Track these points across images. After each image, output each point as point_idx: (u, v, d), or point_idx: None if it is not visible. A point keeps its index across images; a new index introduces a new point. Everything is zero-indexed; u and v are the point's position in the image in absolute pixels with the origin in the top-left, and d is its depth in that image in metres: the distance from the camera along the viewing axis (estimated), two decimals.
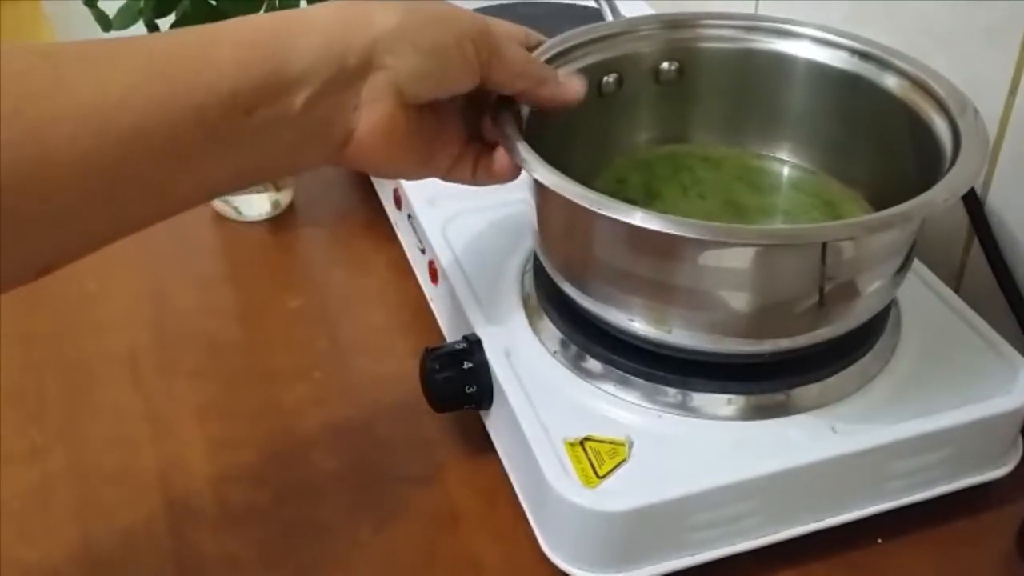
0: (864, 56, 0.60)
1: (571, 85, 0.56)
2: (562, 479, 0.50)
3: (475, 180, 0.55)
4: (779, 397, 0.54)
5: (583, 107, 0.62)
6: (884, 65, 0.60)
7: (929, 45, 0.63)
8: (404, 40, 0.48)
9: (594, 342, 0.56)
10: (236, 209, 0.78)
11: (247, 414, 0.63)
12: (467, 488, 0.59)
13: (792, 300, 0.51)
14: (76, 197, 0.41)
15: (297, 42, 0.46)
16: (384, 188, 0.76)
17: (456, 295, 0.61)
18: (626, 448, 0.52)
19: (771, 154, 0.65)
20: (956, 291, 0.63)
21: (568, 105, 0.56)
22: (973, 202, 0.64)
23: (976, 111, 0.55)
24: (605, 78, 0.63)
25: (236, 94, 0.44)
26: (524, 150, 0.52)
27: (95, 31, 0.68)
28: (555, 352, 0.57)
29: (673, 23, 0.64)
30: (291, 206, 0.79)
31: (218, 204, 0.78)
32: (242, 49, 0.45)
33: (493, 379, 0.56)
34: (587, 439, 0.52)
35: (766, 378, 0.54)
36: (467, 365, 0.56)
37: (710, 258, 0.50)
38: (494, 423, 0.58)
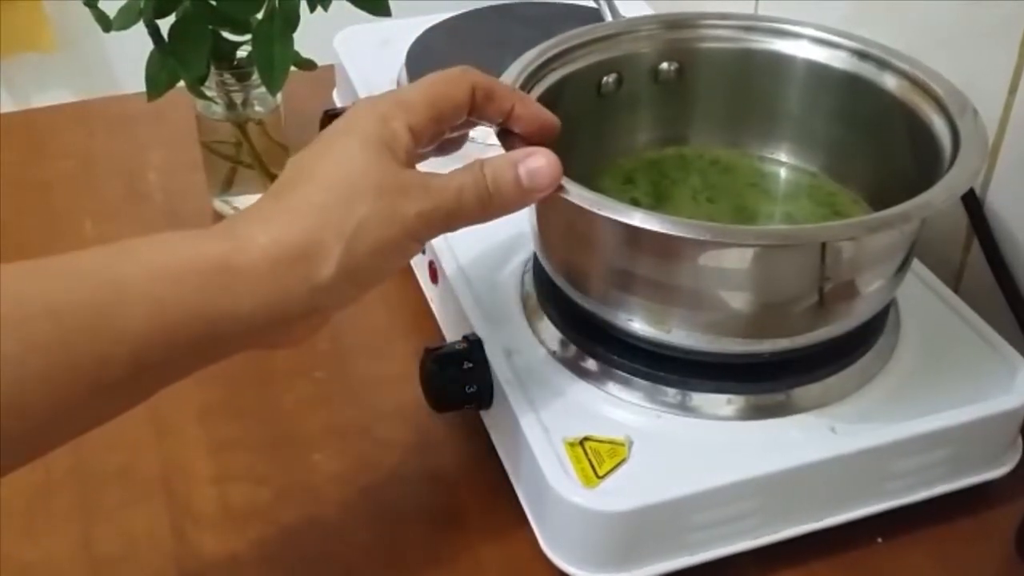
0: (863, 56, 0.60)
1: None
2: (562, 479, 0.51)
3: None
4: (779, 397, 0.54)
5: (583, 107, 0.62)
6: (884, 65, 0.60)
7: (929, 45, 0.63)
8: (345, 286, 0.46)
9: (594, 342, 0.56)
10: (236, 209, 0.78)
11: (248, 414, 0.63)
12: (467, 488, 0.59)
13: (791, 300, 0.51)
14: None
15: (225, 303, 0.43)
16: None
17: (456, 295, 0.61)
18: (626, 448, 0.52)
19: (770, 155, 0.66)
20: (956, 291, 0.63)
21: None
22: (973, 202, 0.64)
23: (975, 111, 0.55)
24: (604, 78, 0.63)
25: (145, 363, 0.42)
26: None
27: (95, 31, 0.68)
28: (555, 352, 0.57)
29: (673, 23, 0.64)
30: None
31: (218, 204, 0.78)
32: (154, 316, 0.42)
33: (493, 379, 0.56)
34: (587, 439, 0.52)
35: (766, 378, 0.54)
36: (467, 365, 0.56)
37: (709, 258, 0.50)
38: (494, 423, 0.58)
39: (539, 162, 0.49)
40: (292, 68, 0.68)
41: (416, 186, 0.46)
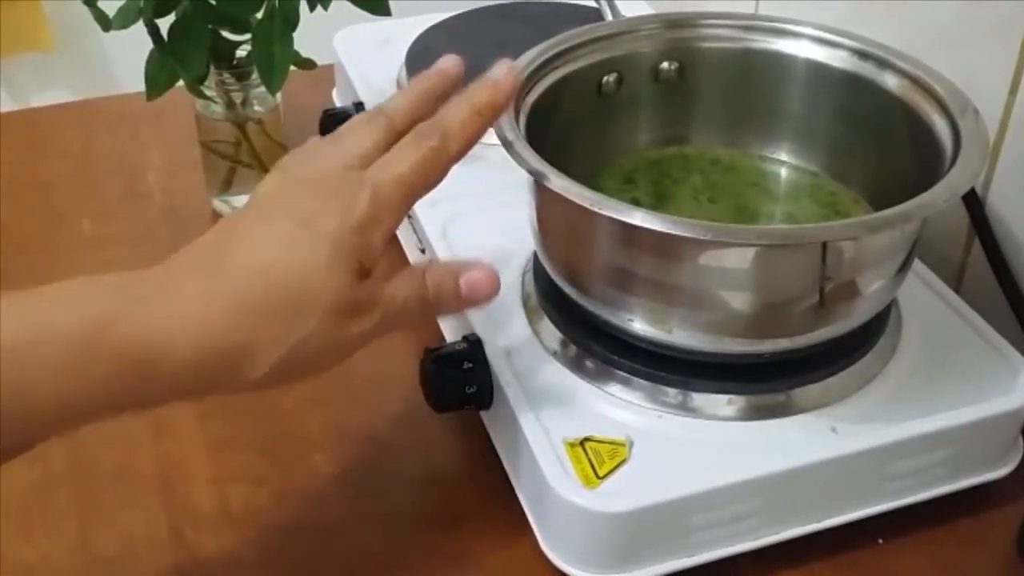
0: (864, 56, 0.60)
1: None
2: (562, 479, 0.50)
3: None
4: (779, 397, 0.54)
5: (583, 107, 0.62)
6: (884, 65, 0.60)
7: (929, 45, 0.63)
8: (271, 384, 0.44)
9: (594, 342, 0.56)
10: (235, 209, 0.78)
11: (247, 414, 0.63)
12: (467, 488, 0.59)
13: (792, 300, 0.51)
14: None
15: (140, 390, 0.42)
16: None
17: None
18: (626, 448, 0.52)
19: (771, 154, 0.65)
20: (956, 291, 0.63)
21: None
22: (973, 202, 0.64)
23: (976, 111, 0.55)
24: (605, 78, 0.63)
25: (49, 432, 0.42)
26: (524, 150, 0.52)
27: (95, 31, 0.68)
28: (555, 352, 0.57)
29: (673, 23, 0.64)
30: None
31: (217, 204, 0.78)
32: (63, 408, 0.41)
33: (493, 379, 0.56)
34: (587, 439, 0.52)
35: (766, 378, 0.54)
36: (467, 365, 0.56)
37: (710, 258, 0.50)
38: (494, 423, 0.58)
39: (478, 275, 0.48)
40: (292, 68, 0.68)
41: (367, 302, 0.45)
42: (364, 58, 0.83)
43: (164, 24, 0.68)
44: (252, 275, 0.43)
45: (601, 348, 0.55)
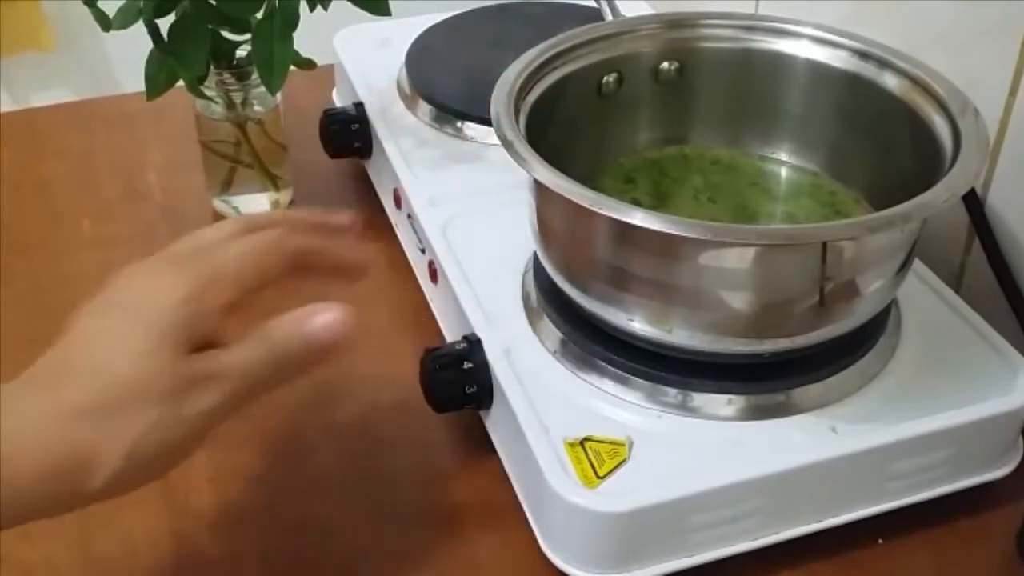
0: (864, 56, 0.60)
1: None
2: (562, 479, 0.50)
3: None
4: (779, 397, 0.54)
5: (583, 107, 0.62)
6: (884, 65, 0.60)
7: (929, 45, 0.63)
8: (120, 487, 0.43)
9: (594, 342, 0.56)
10: (236, 209, 0.78)
11: (247, 414, 0.62)
12: (467, 488, 0.59)
13: (792, 300, 0.51)
14: None
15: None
16: (384, 187, 0.76)
17: (456, 295, 0.61)
18: (626, 448, 0.52)
19: (771, 154, 0.65)
20: (956, 291, 0.63)
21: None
22: (973, 202, 0.64)
23: (976, 111, 0.55)
24: (605, 78, 0.63)
25: None
26: (524, 150, 0.52)
27: (95, 31, 0.68)
28: (555, 352, 0.57)
29: (673, 23, 0.64)
30: (290, 205, 0.79)
31: (218, 204, 0.78)
32: None
33: (493, 379, 0.56)
34: (587, 439, 0.52)
35: (766, 378, 0.54)
36: (467, 365, 0.56)
37: (711, 258, 0.50)
38: (494, 423, 0.58)
39: (323, 316, 0.47)
40: (292, 68, 0.68)
41: (203, 375, 0.44)
42: (364, 58, 0.83)
43: (164, 24, 0.68)
44: (86, 377, 0.43)
45: (601, 348, 0.55)
